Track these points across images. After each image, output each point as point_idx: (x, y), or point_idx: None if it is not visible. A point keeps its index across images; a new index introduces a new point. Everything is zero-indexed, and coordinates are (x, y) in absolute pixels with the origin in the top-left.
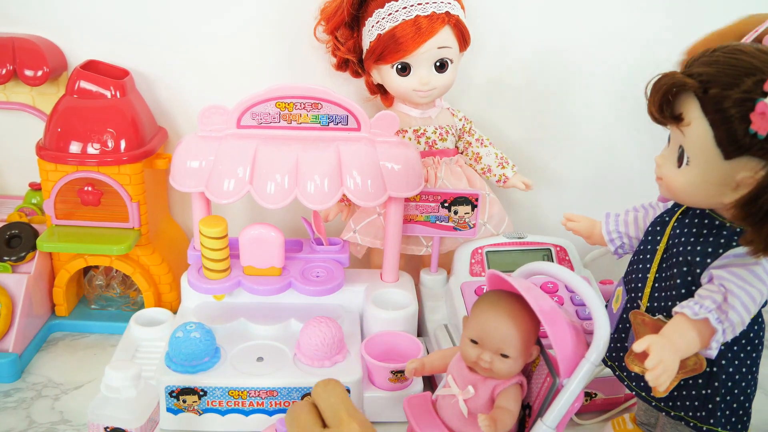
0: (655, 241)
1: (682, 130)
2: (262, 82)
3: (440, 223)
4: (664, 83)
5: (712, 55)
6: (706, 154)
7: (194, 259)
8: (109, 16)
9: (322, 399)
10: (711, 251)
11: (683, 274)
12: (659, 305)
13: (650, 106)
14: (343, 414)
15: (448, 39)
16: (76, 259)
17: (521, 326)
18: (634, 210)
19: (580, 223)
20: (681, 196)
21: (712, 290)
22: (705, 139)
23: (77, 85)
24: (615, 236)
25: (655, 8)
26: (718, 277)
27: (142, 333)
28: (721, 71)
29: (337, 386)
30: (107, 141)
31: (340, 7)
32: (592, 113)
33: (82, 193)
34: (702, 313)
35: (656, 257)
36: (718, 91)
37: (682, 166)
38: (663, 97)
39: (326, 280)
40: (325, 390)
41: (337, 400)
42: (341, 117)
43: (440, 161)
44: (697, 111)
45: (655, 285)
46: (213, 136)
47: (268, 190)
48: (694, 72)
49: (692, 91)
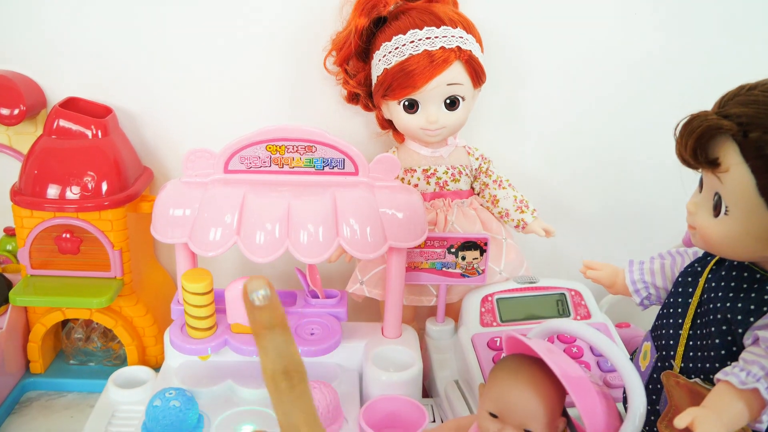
0: (687, 294)
1: (719, 176)
2: (258, 118)
3: (447, 270)
4: (697, 125)
5: (749, 93)
6: (747, 203)
7: (178, 315)
8: (91, 50)
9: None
10: (753, 309)
11: (722, 334)
12: (695, 366)
13: (681, 150)
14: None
15: (459, 75)
16: (53, 312)
17: (546, 397)
18: (660, 257)
19: (601, 271)
20: (718, 248)
21: (759, 354)
22: (746, 188)
23: (56, 124)
24: (641, 286)
25: (685, 38)
26: (765, 339)
27: (120, 395)
28: (761, 112)
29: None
30: (87, 184)
31: (349, 39)
32: (616, 150)
33: (59, 241)
34: (750, 382)
35: (689, 312)
36: (759, 134)
37: (719, 216)
38: (697, 141)
39: (322, 338)
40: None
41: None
42: (337, 160)
43: (451, 203)
44: (736, 156)
45: (689, 343)
46: (198, 181)
47: (257, 241)
48: (731, 113)
49: (730, 135)
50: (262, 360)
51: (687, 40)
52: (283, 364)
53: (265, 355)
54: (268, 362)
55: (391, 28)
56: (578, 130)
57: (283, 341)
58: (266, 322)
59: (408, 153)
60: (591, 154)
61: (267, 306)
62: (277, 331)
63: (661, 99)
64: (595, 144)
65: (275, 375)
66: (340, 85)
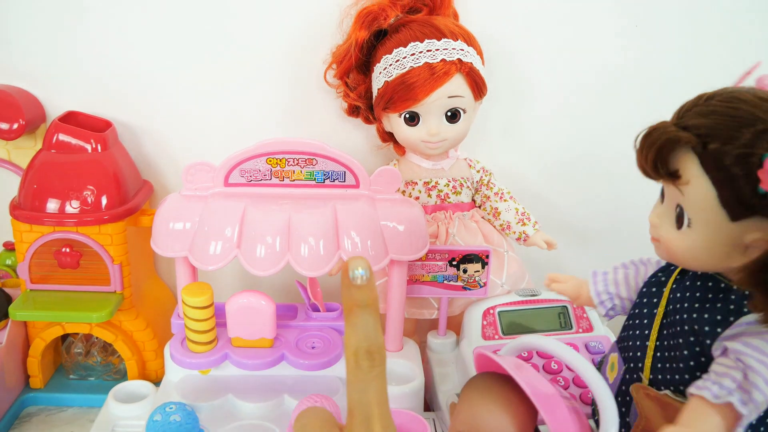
0: (652, 305)
1: (680, 188)
2: (259, 132)
3: (448, 283)
4: (656, 138)
5: (707, 104)
6: (709, 215)
7: (178, 329)
8: (90, 63)
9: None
10: (720, 319)
11: (690, 345)
12: (664, 378)
13: (641, 161)
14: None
15: (460, 88)
16: (53, 326)
17: (517, 416)
18: (623, 267)
19: (566, 284)
20: (683, 260)
21: (729, 366)
22: (708, 199)
23: (55, 138)
24: (605, 297)
25: (689, 52)
26: (734, 350)
27: (120, 410)
28: (720, 123)
29: (311, 414)
30: (87, 198)
31: (349, 52)
32: (619, 163)
33: (59, 255)
34: (723, 395)
35: (655, 323)
36: (718, 146)
37: (683, 228)
38: (657, 153)
39: (323, 352)
40: (300, 423)
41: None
42: (338, 173)
43: (453, 216)
44: (696, 168)
45: (657, 355)
46: (198, 195)
47: (257, 254)
48: (690, 124)
49: (689, 147)
50: (348, 336)
51: (691, 54)
52: (368, 344)
53: (353, 332)
54: (354, 339)
55: (392, 40)
56: (580, 143)
57: (372, 322)
58: (361, 301)
59: (409, 166)
60: (593, 166)
61: (365, 286)
62: (369, 311)
63: (665, 113)
64: (597, 156)
65: (358, 353)
66: (341, 98)
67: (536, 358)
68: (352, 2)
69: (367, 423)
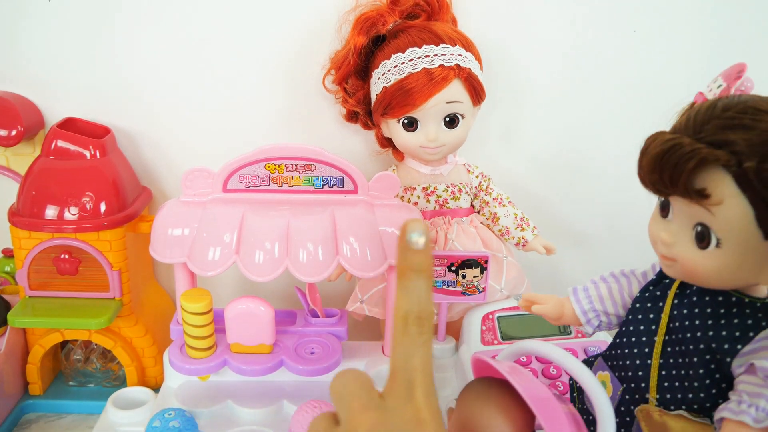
0: (650, 321)
1: (710, 208)
2: (257, 138)
3: (447, 288)
4: (684, 156)
5: (725, 116)
6: (744, 235)
7: (177, 335)
8: (89, 69)
9: (336, 396)
10: (739, 335)
11: (705, 362)
12: (674, 397)
13: (658, 180)
14: (355, 405)
15: (459, 93)
16: (52, 333)
17: (514, 421)
18: (604, 281)
19: (546, 305)
20: (707, 281)
21: (759, 385)
22: (744, 219)
23: (54, 144)
24: (591, 316)
25: (687, 57)
26: (762, 368)
27: (119, 417)
28: (753, 138)
29: (350, 376)
30: (86, 205)
31: (347, 57)
32: (617, 168)
33: (58, 262)
34: (763, 417)
35: (657, 341)
36: (755, 164)
37: (709, 248)
38: (689, 174)
39: (322, 358)
40: (339, 383)
41: (349, 392)
42: (336, 179)
43: (451, 221)
44: (731, 188)
45: (662, 373)
46: (197, 201)
47: (256, 260)
48: (716, 140)
49: (721, 165)
50: (399, 300)
51: (689, 59)
52: (419, 309)
53: (405, 295)
54: (405, 303)
55: (390, 46)
56: (578, 148)
57: (425, 288)
58: (416, 266)
59: (407, 171)
60: (592, 172)
61: (422, 251)
62: (423, 276)
63: (665, 119)
64: (596, 162)
65: (408, 317)
66: (339, 103)
67: (535, 363)
68: (350, 8)
69: (410, 388)
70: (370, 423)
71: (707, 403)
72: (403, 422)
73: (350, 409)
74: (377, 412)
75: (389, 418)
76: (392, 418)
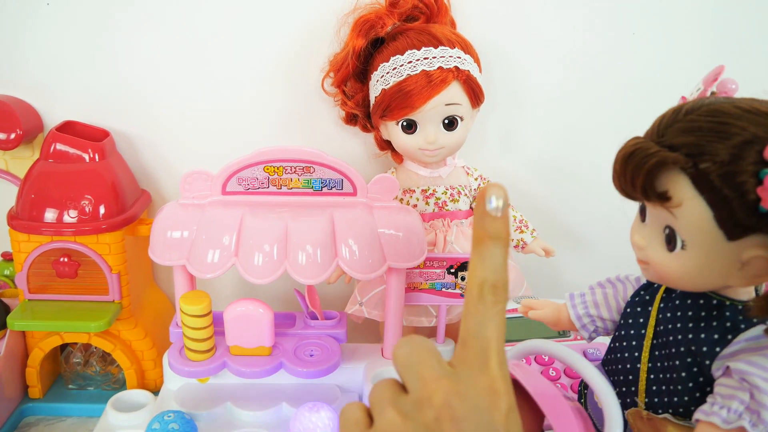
0: (639, 326)
1: (672, 211)
2: (256, 140)
3: (446, 291)
4: (642, 160)
5: (688, 119)
6: (705, 236)
7: (176, 337)
8: (87, 73)
9: (403, 364)
10: (718, 338)
11: (688, 366)
12: (661, 401)
13: (622, 183)
14: (426, 373)
15: (457, 95)
16: (51, 336)
17: (523, 419)
18: (600, 287)
19: (543, 310)
20: (677, 283)
21: (734, 387)
22: (703, 220)
23: (53, 147)
24: (587, 321)
25: (685, 57)
26: (737, 371)
27: (118, 419)
28: (708, 140)
29: (417, 342)
30: (85, 208)
31: (346, 60)
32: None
33: (57, 265)
34: (733, 419)
35: (645, 345)
36: (711, 165)
37: (675, 250)
38: (646, 177)
39: (321, 360)
40: (405, 350)
41: (418, 360)
42: (335, 181)
43: (450, 224)
44: (688, 189)
45: (650, 377)
46: (195, 203)
47: (255, 262)
48: (675, 143)
49: (678, 167)
50: (473, 267)
51: (686, 59)
52: (495, 278)
53: (481, 263)
54: (480, 271)
55: (389, 48)
56: (577, 150)
57: (502, 256)
58: (495, 233)
59: (406, 173)
60: (591, 174)
61: (501, 218)
62: (500, 243)
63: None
64: (594, 164)
65: (484, 285)
66: (338, 106)
67: (534, 366)
68: (349, 10)
69: (484, 357)
70: (444, 391)
71: (692, 406)
72: (477, 392)
73: (421, 376)
74: (450, 380)
75: (463, 388)
76: (466, 388)
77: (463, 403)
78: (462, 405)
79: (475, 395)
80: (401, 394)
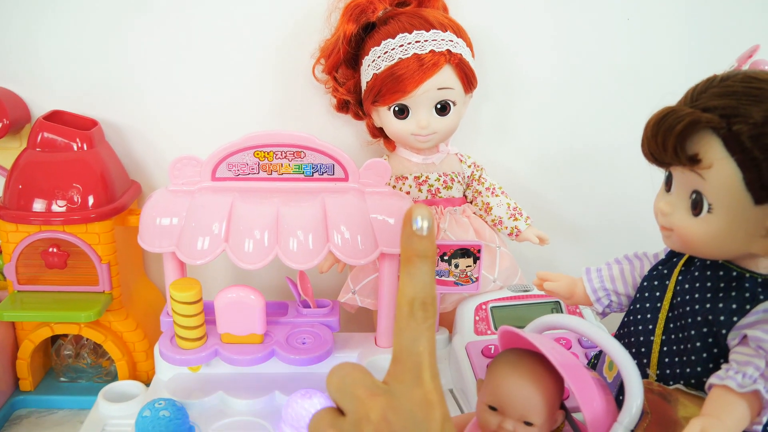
0: (655, 299)
1: (701, 173)
2: (247, 129)
3: (440, 278)
4: (675, 121)
5: (724, 84)
6: (733, 199)
7: (167, 326)
8: (75, 63)
9: (336, 388)
10: (736, 308)
11: (703, 336)
12: (673, 372)
13: (653, 148)
14: (360, 392)
15: (450, 79)
16: (42, 327)
17: (546, 389)
18: (617, 263)
19: (558, 282)
20: (700, 249)
21: (750, 354)
22: (733, 183)
23: (40, 136)
24: (602, 294)
25: (680, 44)
26: (754, 338)
27: (110, 410)
28: (743, 103)
29: (348, 367)
30: (73, 197)
31: (337, 46)
32: (610, 157)
33: (46, 255)
34: (748, 384)
35: (660, 317)
36: (743, 126)
37: (701, 214)
38: (677, 138)
39: (314, 348)
40: (337, 375)
41: (351, 382)
42: (327, 166)
43: (444, 211)
44: (719, 151)
45: (664, 349)
46: (185, 190)
47: (245, 249)
48: (709, 105)
49: (710, 128)
50: (403, 285)
51: (682, 45)
52: (424, 294)
53: (410, 281)
54: (410, 289)
55: (380, 33)
56: (572, 137)
57: (429, 274)
58: (422, 252)
59: (399, 161)
60: (585, 161)
61: (427, 237)
62: (427, 261)
63: (657, 106)
64: (589, 151)
65: (414, 302)
66: (330, 93)
67: None
68: None
69: (418, 371)
70: (380, 407)
71: (704, 377)
72: (412, 405)
73: (356, 397)
74: (385, 396)
75: (398, 402)
76: (401, 402)
77: (399, 416)
78: (398, 418)
79: (410, 408)
80: (339, 417)
